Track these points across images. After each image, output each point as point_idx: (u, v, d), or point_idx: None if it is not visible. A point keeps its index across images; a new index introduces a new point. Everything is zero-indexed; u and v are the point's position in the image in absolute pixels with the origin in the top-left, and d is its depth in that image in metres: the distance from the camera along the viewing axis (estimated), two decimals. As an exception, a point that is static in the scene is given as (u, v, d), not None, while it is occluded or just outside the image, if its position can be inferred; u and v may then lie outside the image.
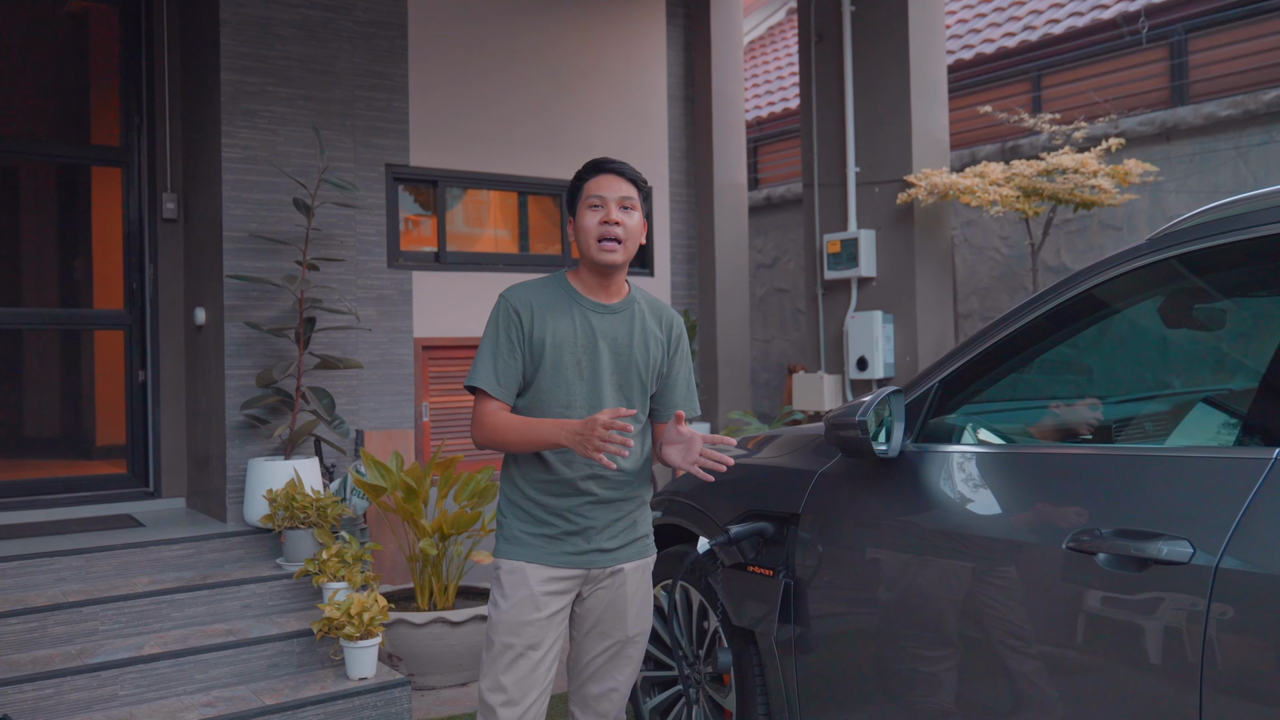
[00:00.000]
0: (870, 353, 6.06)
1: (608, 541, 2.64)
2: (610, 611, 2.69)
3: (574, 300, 2.64)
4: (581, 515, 2.61)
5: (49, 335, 5.94)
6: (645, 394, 2.70)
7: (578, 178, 2.68)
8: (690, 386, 2.78)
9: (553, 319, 2.60)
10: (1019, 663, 2.19)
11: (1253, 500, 1.85)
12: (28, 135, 5.85)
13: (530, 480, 2.63)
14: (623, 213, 2.59)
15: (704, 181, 7.23)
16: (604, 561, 2.65)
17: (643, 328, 2.68)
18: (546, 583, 2.60)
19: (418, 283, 5.95)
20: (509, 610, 2.59)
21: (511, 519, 2.66)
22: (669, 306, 2.80)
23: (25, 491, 5.44)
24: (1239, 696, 1.82)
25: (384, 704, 4.13)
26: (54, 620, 4.17)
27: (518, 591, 2.59)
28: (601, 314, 2.64)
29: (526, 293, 2.65)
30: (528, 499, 2.64)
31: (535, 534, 2.62)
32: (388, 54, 5.86)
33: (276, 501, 4.65)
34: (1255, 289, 2.38)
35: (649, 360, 2.68)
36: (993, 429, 2.61)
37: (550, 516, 2.61)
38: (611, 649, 2.72)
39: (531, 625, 2.58)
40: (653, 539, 2.81)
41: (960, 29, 8.66)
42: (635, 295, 2.72)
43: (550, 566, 2.60)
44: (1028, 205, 5.61)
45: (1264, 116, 5.97)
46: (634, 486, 2.68)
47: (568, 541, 2.61)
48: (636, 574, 2.72)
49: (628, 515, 2.69)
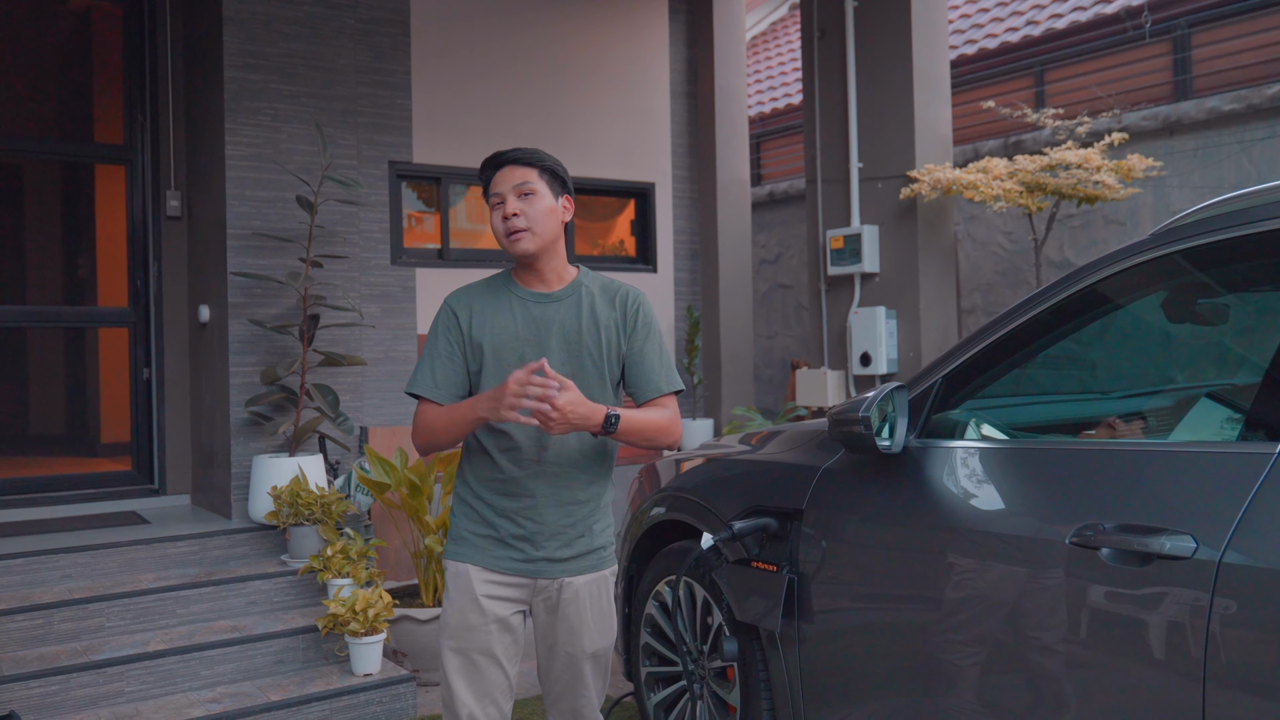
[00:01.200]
0: (873, 348, 6.06)
1: (558, 550, 2.51)
2: (564, 628, 2.54)
3: (513, 293, 2.57)
4: (528, 518, 2.49)
5: (54, 333, 5.96)
6: (604, 379, 2.56)
7: (482, 177, 2.58)
8: (663, 361, 2.60)
9: (492, 317, 2.54)
10: (1022, 657, 2.19)
11: (1256, 495, 1.86)
12: (32, 133, 5.86)
13: (480, 478, 2.54)
14: (522, 201, 2.49)
15: (707, 177, 7.23)
16: (554, 572, 2.51)
17: (591, 311, 2.56)
18: (489, 585, 2.49)
19: (421, 279, 5.96)
20: (453, 614, 2.50)
21: (460, 518, 2.57)
22: (627, 285, 2.65)
23: (31, 489, 5.46)
24: (1242, 691, 1.83)
25: (389, 700, 4.14)
26: (60, 617, 4.19)
27: (461, 595, 2.50)
28: (544, 303, 2.56)
29: (467, 295, 2.59)
30: (478, 498, 2.54)
31: (481, 535, 2.53)
32: (390, 51, 5.87)
33: (281, 498, 4.66)
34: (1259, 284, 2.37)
35: (600, 344, 2.54)
36: (996, 424, 2.61)
37: (498, 518, 2.51)
38: (572, 667, 2.57)
39: (476, 631, 2.48)
40: (612, 550, 2.64)
41: (963, 24, 8.64)
42: (582, 279, 2.61)
43: (493, 570, 2.50)
44: (1031, 200, 5.61)
45: (1268, 111, 5.96)
46: (586, 484, 2.54)
47: (515, 547, 2.50)
48: (591, 588, 2.56)
49: (580, 521, 2.53)
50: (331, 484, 5.12)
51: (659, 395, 2.58)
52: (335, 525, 4.66)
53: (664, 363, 2.61)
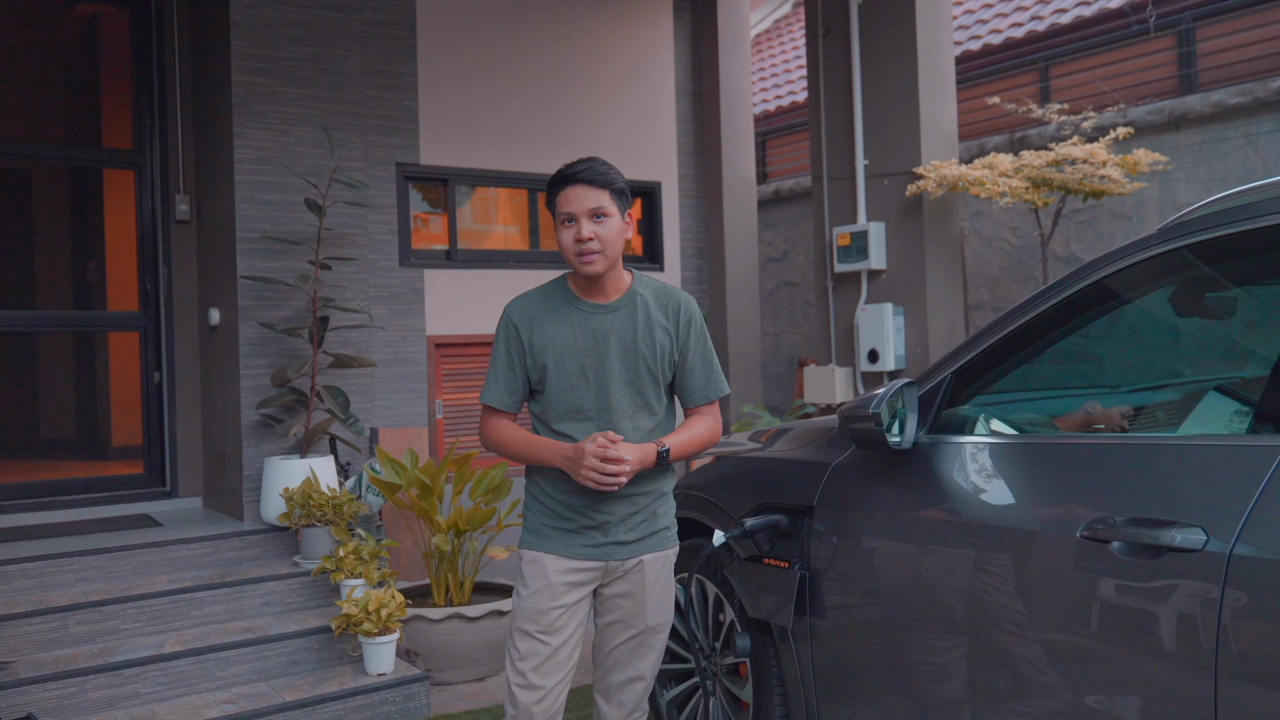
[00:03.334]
0: (881, 345, 6.07)
1: (625, 535, 2.68)
2: (630, 603, 2.73)
3: (572, 305, 2.67)
4: (598, 511, 2.66)
5: (64, 337, 5.99)
6: (659, 386, 2.71)
7: (549, 189, 2.65)
8: (709, 367, 2.77)
9: (551, 327, 2.64)
10: (1034, 652, 2.20)
11: (1265, 487, 1.87)
12: (40, 139, 5.89)
13: (548, 477, 2.70)
14: (595, 224, 2.57)
15: (713, 176, 7.24)
16: (622, 554, 2.69)
17: (646, 320, 2.67)
18: (564, 573, 2.66)
19: (429, 281, 5.98)
20: (528, 599, 2.67)
21: (534, 512, 2.74)
22: (678, 290, 2.78)
23: (44, 493, 5.49)
24: (1253, 683, 1.84)
25: (402, 699, 4.16)
26: (75, 620, 4.22)
27: (536, 581, 2.67)
28: (602, 314, 2.66)
29: (526, 305, 2.69)
30: (547, 495, 2.70)
31: (555, 527, 2.69)
32: (397, 53, 5.89)
33: (293, 500, 4.68)
34: (1266, 277, 2.38)
35: (656, 352, 2.67)
36: (1006, 419, 2.62)
37: (568, 512, 2.67)
38: (633, 640, 2.76)
39: (548, 613, 2.64)
40: (675, 530, 2.82)
41: (967, 20, 8.64)
42: (637, 288, 2.70)
43: (568, 558, 2.67)
44: (1037, 196, 5.61)
45: (1273, 104, 5.96)
46: (650, 481, 2.71)
47: (585, 535, 2.67)
48: (656, 565, 2.74)
49: (645, 509, 2.71)
50: (343, 485, 5.14)
51: (705, 403, 2.79)
52: (347, 526, 4.68)
53: (710, 370, 2.78)
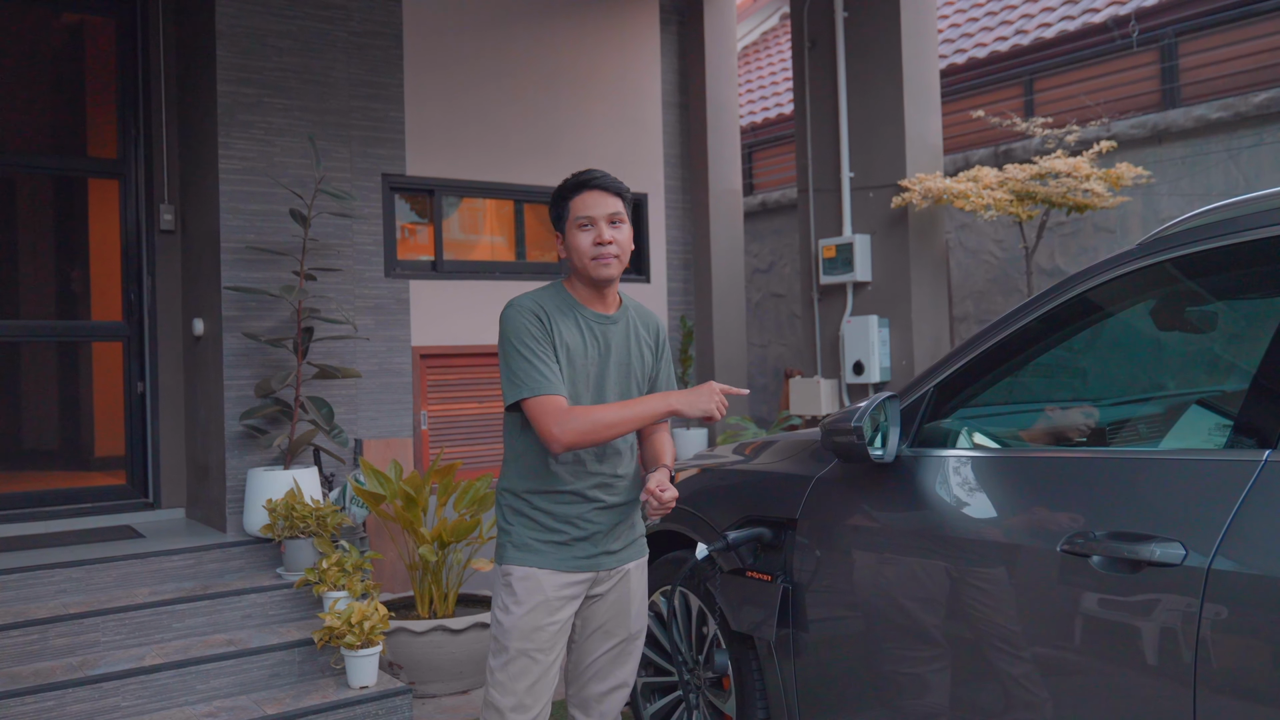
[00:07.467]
0: (866, 357, 6.09)
1: (612, 544, 2.73)
2: (616, 611, 2.76)
3: (578, 311, 2.68)
4: (589, 521, 2.67)
5: (47, 347, 5.95)
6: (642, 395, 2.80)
7: (562, 194, 2.67)
8: (671, 386, 2.88)
9: (566, 330, 2.64)
10: (1015, 665, 2.21)
11: (1244, 501, 1.88)
12: (24, 147, 5.86)
13: (536, 491, 2.66)
14: (613, 229, 2.64)
15: (699, 187, 7.25)
16: (611, 563, 2.73)
17: (636, 336, 2.77)
18: (560, 588, 2.65)
19: (415, 292, 5.97)
20: (523, 616, 2.61)
21: (519, 527, 2.68)
22: (650, 310, 2.91)
23: (25, 504, 5.45)
24: (1232, 696, 1.84)
25: (385, 712, 4.14)
26: (55, 632, 4.18)
27: (532, 597, 2.62)
28: (606, 324, 2.71)
29: (536, 299, 2.66)
30: (535, 509, 2.66)
31: (546, 541, 2.65)
32: (383, 64, 5.89)
33: (276, 511, 4.66)
34: (1246, 291, 2.40)
35: (644, 368, 2.78)
36: (988, 433, 2.63)
37: (559, 524, 2.66)
38: (615, 648, 2.79)
39: (544, 630, 2.62)
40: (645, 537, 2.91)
41: (952, 33, 8.69)
42: (627, 304, 2.80)
43: (563, 572, 2.65)
44: (1021, 209, 5.64)
45: (1255, 119, 6.01)
46: (631, 490, 2.77)
47: (576, 547, 2.67)
48: (637, 572, 2.82)
49: (628, 518, 2.78)
50: (326, 497, 5.12)
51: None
52: (330, 538, 4.66)
53: (670, 384, 2.88)
